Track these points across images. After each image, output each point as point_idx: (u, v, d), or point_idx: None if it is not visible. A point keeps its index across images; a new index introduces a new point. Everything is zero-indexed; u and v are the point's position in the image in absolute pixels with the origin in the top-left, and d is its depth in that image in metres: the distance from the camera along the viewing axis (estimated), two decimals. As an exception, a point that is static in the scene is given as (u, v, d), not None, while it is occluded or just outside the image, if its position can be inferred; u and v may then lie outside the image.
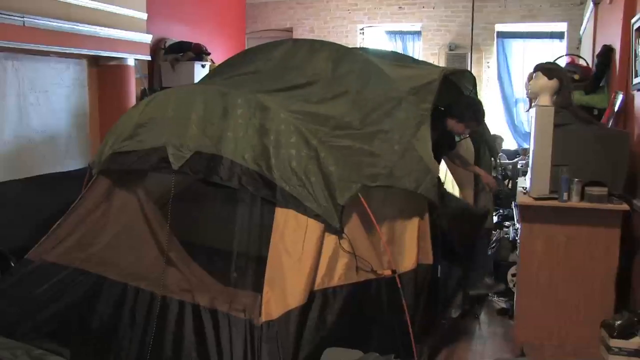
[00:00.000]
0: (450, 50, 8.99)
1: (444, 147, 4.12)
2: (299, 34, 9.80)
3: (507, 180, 6.10)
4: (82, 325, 3.26)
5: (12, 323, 3.32)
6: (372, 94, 3.66)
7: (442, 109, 4.07)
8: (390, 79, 3.76)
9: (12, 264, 3.88)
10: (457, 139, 4.61)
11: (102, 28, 5.13)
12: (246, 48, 8.44)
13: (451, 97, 4.22)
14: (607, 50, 4.79)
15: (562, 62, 5.63)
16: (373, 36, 9.75)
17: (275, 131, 3.10)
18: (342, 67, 3.87)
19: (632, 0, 4.23)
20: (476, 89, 4.47)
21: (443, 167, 4.39)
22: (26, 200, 4.47)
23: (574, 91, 4.38)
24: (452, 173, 4.68)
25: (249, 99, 3.27)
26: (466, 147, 4.68)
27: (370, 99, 3.62)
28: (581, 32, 7.57)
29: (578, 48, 7.82)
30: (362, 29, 9.68)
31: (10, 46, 4.27)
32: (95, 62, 5.43)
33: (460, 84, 4.39)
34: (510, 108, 9.22)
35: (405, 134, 3.46)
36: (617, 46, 4.55)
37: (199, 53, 6.76)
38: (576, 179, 3.48)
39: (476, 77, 8.51)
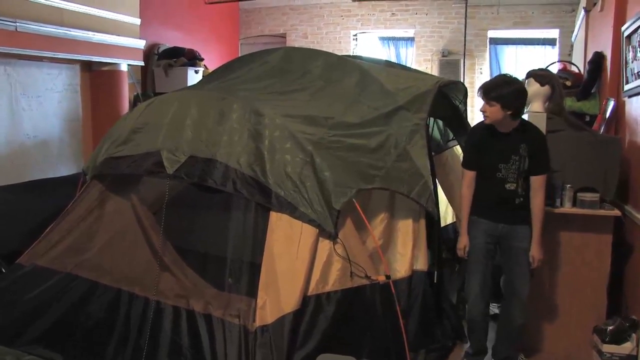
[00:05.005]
0: (443, 56, 9.02)
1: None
2: (292, 39, 9.82)
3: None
4: (74, 331, 3.24)
5: (3, 328, 3.30)
6: (369, 101, 3.68)
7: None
8: (387, 90, 3.78)
9: (3, 270, 3.85)
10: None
11: (95, 33, 5.12)
12: (240, 54, 8.48)
13: (443, 108, 4.24)
14: (598, 57, 4.83)
15: (554, 69, 5.66)
16: (366, 42, 9.78)
17: (270, 136, 3.11)
18: (339, 75, 3.89)
19: (622, 8, 4.27)
20: (466, 99, 4.48)
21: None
22: (18, 205, 4.44)
23: (565, 97, 4.41)
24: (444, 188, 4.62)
25: (245, 104, 3.28)
26: (453, 155, 4.69)
27: (368, 105, 3.64)
28: (573, 39, 7.62)
29: (570, 54, 7.87)
30: (356, 35, 9.71)
31: (2, 51, 4.26)
32: (88, 67, 5.41)
33: (451, 93, 4.40)
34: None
35: (401, 140, 3.49)
36: (608, 53, 4.59)
37: (192, 58, 6.75)
38: (568, 185, 3.51)
39: (469, 84, 8.57)
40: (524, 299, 3.26)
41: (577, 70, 5.52)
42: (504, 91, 3.10)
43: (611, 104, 4.27)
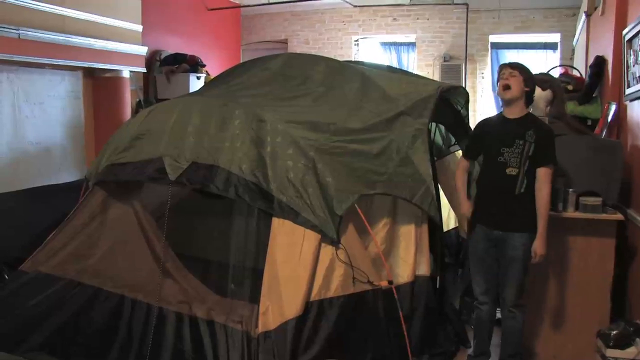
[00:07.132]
0: (445, 61, 9.03)
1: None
2: (293, 45, 9.84)
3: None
4: (77, 337, 3.24)
5: (6, 335, 3.30)
6: (371, 107, 3.68)
7: None
8: (388, 95, 3.78)
9: (6, 276, 3.86)
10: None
11: (97, 40, 5.14)
12: (241, 60, 8.50)
13: (445, 113, 4.24)
14: (600, 61, 4.83)
15: (556, 73, 5.66)
16: (368, 47, 9.79)
17: (272, 143, 3.12)
18: (340, 80, 3.90)
19: (623, 12, 4.27)
20: (468, 104, 4.47)
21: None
22: (20, 212, 4.45)
23: (567, 102, 4.41)
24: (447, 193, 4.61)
25: (247, 110, 3.29)
26: (455, 160, 4.68)
27: (369, 110, 3.65)
28: (574, 43, 7.62)
29: (571, 59, 7.87)
30: (357, 40, 9.72)
31: (5, 58, 4.28)
32: (90, 74, 5.43)
33: (453, 98, 4.40)
34: (504, 118, 9.23)
35: (403, 145, 3.49)
36: (609, 57, 4.59)
37: (194, 65, 6.78)
38: (570, 190, 3.50)
39: (471, 88, 8.55)
40: (509, 305, 3.25)
41: (578, 75, 5.53)
42: (525, 68, 3.23)
43: (613, 108, 4.27)
